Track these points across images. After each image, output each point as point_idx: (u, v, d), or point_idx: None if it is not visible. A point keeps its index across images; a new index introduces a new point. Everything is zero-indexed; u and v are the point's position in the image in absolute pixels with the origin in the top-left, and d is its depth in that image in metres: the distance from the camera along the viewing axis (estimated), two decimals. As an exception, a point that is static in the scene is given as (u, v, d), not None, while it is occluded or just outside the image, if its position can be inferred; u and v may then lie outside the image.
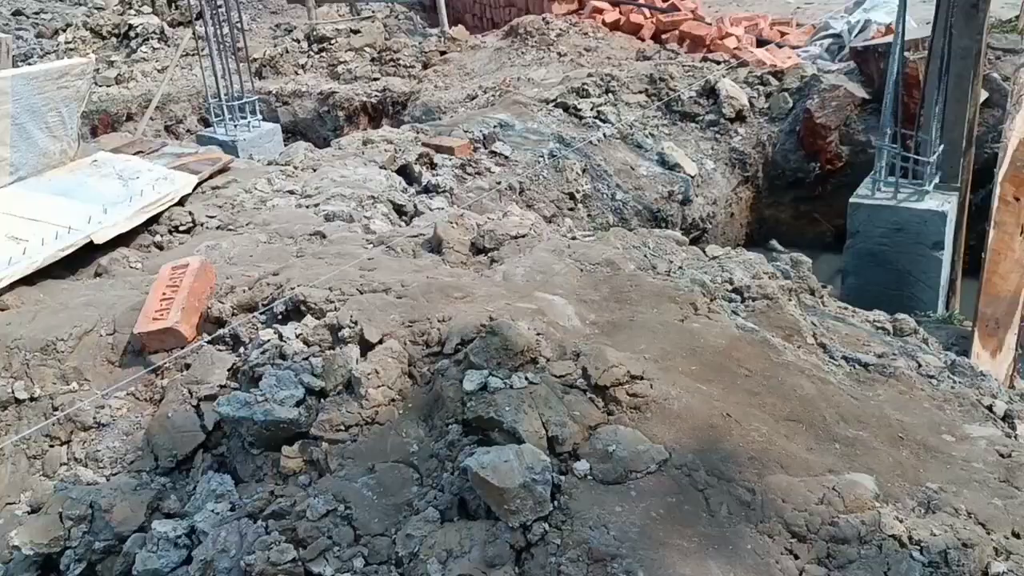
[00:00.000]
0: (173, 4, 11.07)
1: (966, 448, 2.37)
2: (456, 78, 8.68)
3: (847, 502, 2.01)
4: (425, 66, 9.11)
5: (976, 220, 4.85)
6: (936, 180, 4.75)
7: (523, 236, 3.18)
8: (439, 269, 3.03)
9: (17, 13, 12.58)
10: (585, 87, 6.51)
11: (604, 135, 6.10)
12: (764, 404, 2.36)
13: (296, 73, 9.38)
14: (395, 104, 8.72)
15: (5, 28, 12.21)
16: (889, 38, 5.97)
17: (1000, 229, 3.75)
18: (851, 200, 4.84)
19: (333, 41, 9.48)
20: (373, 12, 10.33)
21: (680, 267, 3.10)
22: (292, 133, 8.96)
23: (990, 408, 2.60)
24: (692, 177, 6.01)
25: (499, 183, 5.35)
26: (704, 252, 3.53)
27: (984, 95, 5.34)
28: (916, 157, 4.72)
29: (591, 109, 6.28)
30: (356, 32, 9.55)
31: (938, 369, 2.81)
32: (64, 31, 11.47)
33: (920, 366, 2.81)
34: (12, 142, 4.08)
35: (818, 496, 2.03)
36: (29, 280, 3.45)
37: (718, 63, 7.11)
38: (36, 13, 12.67)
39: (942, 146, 4.75)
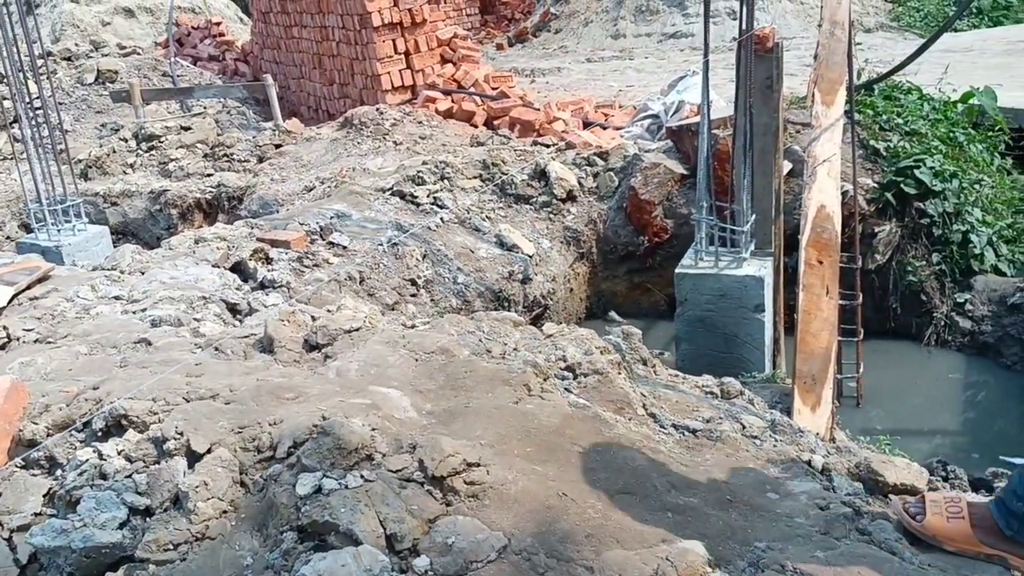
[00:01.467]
0: (-13, 107, 10.55)
1: (789, 504, 2.50)
2: (292, 170, 8.64)
3: (680, 571, 2.07)
4: (260, 160, 9.04)
5: (792, 282, 5.20)
6: (752, 247, 5.07)
7: (357, 330, 3.16)
8: (270, 370, 2.97)
9: None
10: (421, 174, 6.62)
11: (442, 220, 6.20)
12: (598, 480, 2.42)
13: (125, 173, 9.09)
14: (231, 199, 8.58)
15: None
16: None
17: (808, 291, 4.03)
18: (677, 271, 5.10)
19: (163, 139, 9.28)
20: (204, 108, 10.19)
21: (515, 349, 3.16)
22: (123, 234, 8.66)
23: (809, 463, 2.75)
24: (530, 257, 6.17)
25: (338, 274, 5.32)
26: (541, 331, 3.62)
27: (788, 166, 5.79)
28: (732, 227, 5.03)
29: (428, 196, 6.38)
30: (187, 129, 9.38)
31: (761, 429, 2.96)
32: None
33: (744, 428, 2.95)
34: None
35: (652, 567, 2.07)
36: None
37: (547, 146, 7.41)
38: None
39: (754, 215, 5.09)
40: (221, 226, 5.89)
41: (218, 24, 13.81)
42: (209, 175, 8.84)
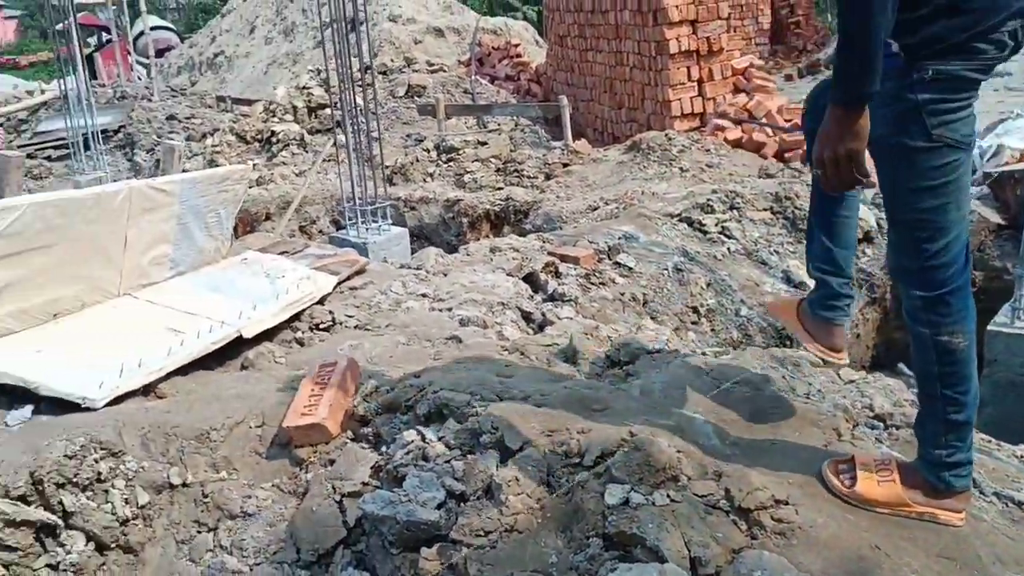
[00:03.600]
0: (313, 113, 11.80)
1: None
2: (578, 189, 8.91)
3: (1011, 651, 1.92)
4: (548, 177, 9.40)
5: None
6: (1083, 311, 4.58)
7: (658, 351, 3.21)
8: (575, 380, 3.08)
9: (171, 117, 13.63)
10: (710, 203, 6.59)
11: (729, 250, 6.13)
12: (915, 538, 2.29)
13: (424, 181, 9.80)
14: (517, 213, 9.00)
15: (159, 131, 13.24)
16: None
17: None
18: (989, 328, 4.70)
19: (461, 152, 9.91)
20: (499, 125, 10.77)
21: (819, 390, 3.06)
22: (417, 237, 9.34)
23: None
24: (818, 296, 5.94)
25: (623, 294, 5.41)
26: (838, 375, 3.48)
27: None
28: (1061, 286, 4.58)
29: (716, 224, 6.34)
30: (483, 144, 9.96)
31: (1101, 512, 2.66)
32: (212, 135, 12.37)
33: (1080, 508, 2.66)
34: (175, 240, 4.40)
35: (979, 641, 1.94)
36: (183, 370, 3.66)
37: (844, 183, 7.09)
38: (188, 118, 13.71)
39: (1089, 276, 4.59)
40: (515, 238, 6.19)
41: (516, 46, 14.55)
42: (499, 188, 9.32)
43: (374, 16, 15.06)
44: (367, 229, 7.61)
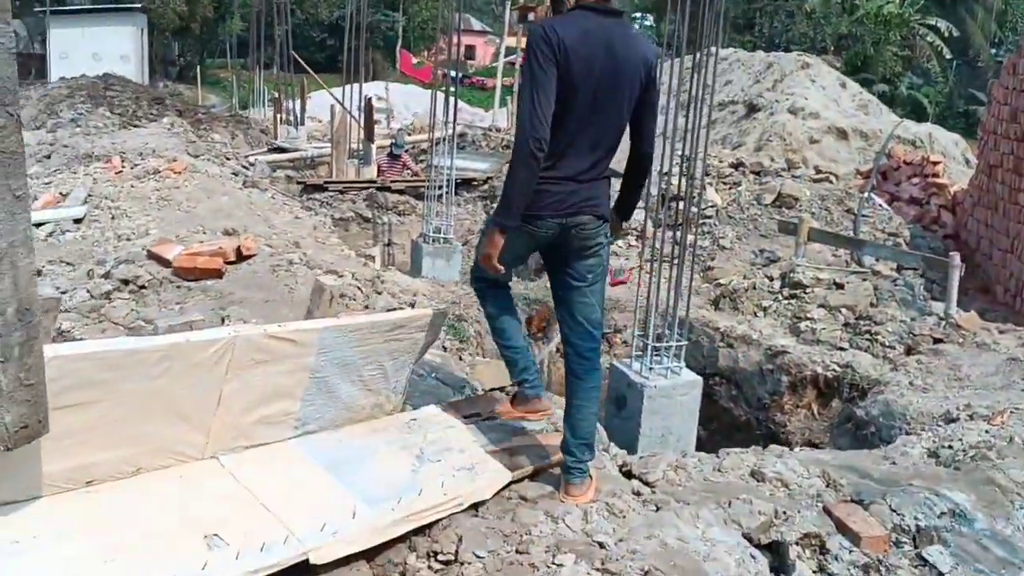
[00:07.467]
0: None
1: None
2: (942, 380, 6.76)
3: None
4: (909, 351, 7.34)
5: None
6: None
7: None
8: None
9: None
10: (1115, 490, 4.34)
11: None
12: None
13: (755, 315, 8.22)
14: (853, 388, 7.12)
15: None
16: None
17: None
18: None
19: (809, 290, 8.16)
20: (868, 268, 8.79)
21: None
22: (729, 381, 7.84)
23: None
24: None
25: (913, 617, 3.58)
26: None
27: None
28: None
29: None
30: (839, 286, 8.11)
31: None
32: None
33: None
34: (305, 395, 3.55)
35: None
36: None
37: None
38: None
39: None
40: (789, 464, 4.50)
41: (935, 164, 12.09)
42: (841, 349, 7.47)
43: (773, 105, 13.48)
44: (651, 369, 6.33)
